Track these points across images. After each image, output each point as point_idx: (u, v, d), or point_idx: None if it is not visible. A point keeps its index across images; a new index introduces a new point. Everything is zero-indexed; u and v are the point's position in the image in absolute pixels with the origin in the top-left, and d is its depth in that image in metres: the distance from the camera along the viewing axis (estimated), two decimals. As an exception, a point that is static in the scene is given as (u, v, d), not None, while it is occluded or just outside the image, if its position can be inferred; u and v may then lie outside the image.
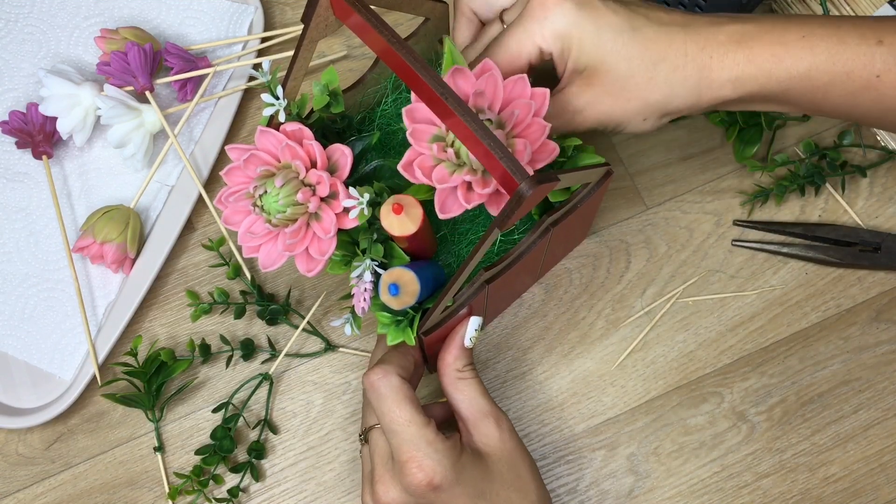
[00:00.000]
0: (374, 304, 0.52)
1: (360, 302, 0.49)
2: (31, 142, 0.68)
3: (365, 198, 0.48)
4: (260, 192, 0.49)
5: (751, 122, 0.69)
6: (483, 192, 0.47)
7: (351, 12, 0.47)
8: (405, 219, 0.48)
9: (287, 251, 0.50)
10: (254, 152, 0.50)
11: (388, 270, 0.49)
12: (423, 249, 0.54)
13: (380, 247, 0.50)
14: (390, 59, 0.47)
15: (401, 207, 0.48)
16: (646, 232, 0.69)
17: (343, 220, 0.49)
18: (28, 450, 0.65)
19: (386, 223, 0.49)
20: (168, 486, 0.64)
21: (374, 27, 0.46)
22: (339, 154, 0.51)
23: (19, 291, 0.67)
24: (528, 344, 0.67)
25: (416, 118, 0.49)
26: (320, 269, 0.50)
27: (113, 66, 0.67)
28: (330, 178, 0.49)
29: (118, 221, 0.65)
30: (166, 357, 0.63)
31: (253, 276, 0.67)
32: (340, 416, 0.65)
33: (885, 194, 0.69)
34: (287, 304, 0.66)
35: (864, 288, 0.67)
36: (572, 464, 0.64)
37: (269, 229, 0.50)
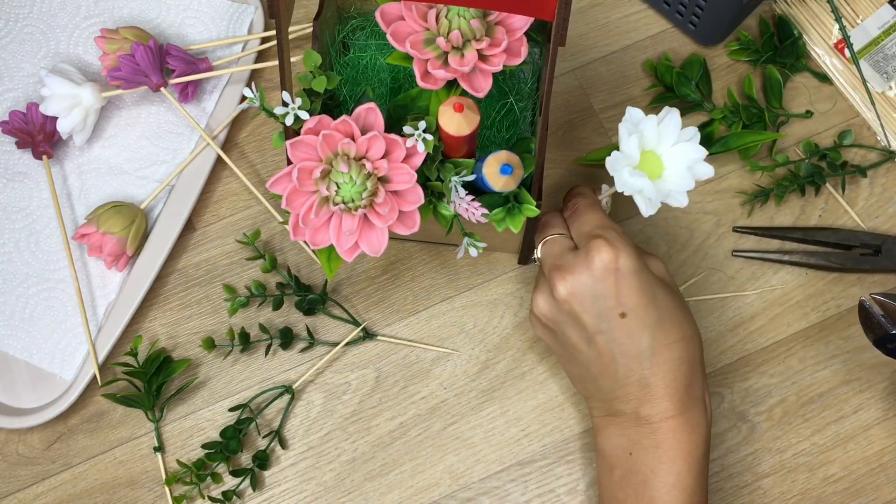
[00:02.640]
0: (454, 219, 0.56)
1: (473, 214, 0.53)
2: (31, 142, 0.68)
3: (420, 125, 0.52)
4: (333, 190, 0.51)
5: (753, 122, 0.69)
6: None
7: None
8: (462, 120, 0.51)
9: (385, 223, 0.52)
10: (325, 133, 0.52)
11: (491, 155, 0.53)
12: (470, 156, 0.56)
13: (450, 165, 0.54)
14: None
15: (461, 106, 0.51)
16: (646, 232, 0.69)
17: (411, 161, 0.52)
18: (28, 450, 0.65)
19: (444, 120, 0.52)
20: (166, 474, 0.64)
21: None
22: (367, 114, 0.52)
23: (19, 291, 0.67)
24: (528, 344, 0.67)
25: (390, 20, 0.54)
26: (418, 220, 0.53)
27: (123, 69, 0.67)
28: (379, 135, 0.52)
29: (124, 217, 0.65)
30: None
31: (289, 268, 0.68)
32: (340, 416, 0.65)
33: (885, 194, 0.69)
34: (324, 293, 0.67)
35: (865, 288, 0.67)
36: (572, 464, 0.64)
37: (352, 214, 0.52)
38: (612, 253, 0.53)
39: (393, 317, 0.67)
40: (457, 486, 0.64)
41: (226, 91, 0.71)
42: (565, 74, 0.72)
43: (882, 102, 0.70)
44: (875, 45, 0.70)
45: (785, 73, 0.71)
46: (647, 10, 0.74)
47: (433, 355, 0.66)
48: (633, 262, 0.54)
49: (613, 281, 0.53)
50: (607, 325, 0.54)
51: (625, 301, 0.54)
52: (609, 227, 0.55)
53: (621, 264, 0.53)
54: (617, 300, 0.54)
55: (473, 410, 0.65)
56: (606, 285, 0.54)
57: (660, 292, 0.55)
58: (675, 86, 0.70)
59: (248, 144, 0.72)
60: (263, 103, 0.53)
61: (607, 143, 0.71)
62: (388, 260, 0.68)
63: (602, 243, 0.54)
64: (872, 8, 0.70)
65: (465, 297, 0.68)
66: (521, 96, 0.63)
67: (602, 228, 0.55)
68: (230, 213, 0.70)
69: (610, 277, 0.53)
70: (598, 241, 0.54)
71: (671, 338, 0.54)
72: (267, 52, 0.73)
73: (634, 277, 0.54)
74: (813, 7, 0.72)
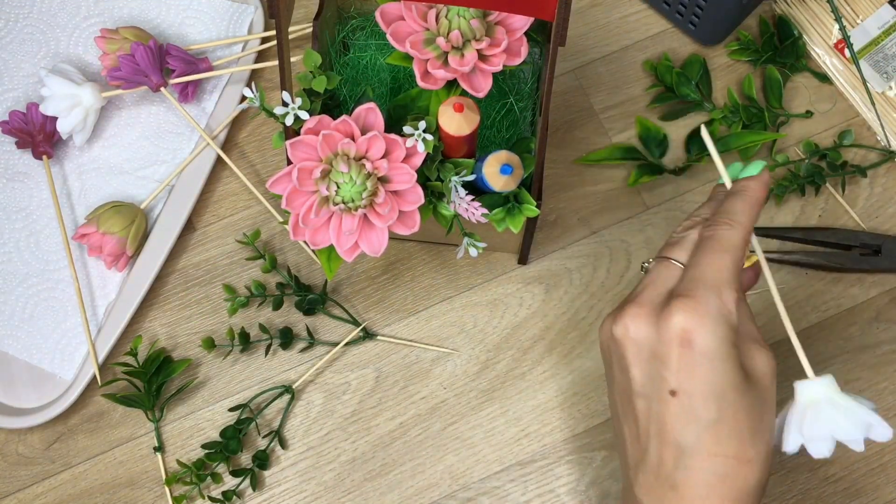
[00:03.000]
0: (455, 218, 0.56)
1: (473, 214, 0.53)
2: (31, 142, 0.68)
3: (420, 125, 0.52)
4: (333, 190, 0.51)
5: (753, 122, 0.69)
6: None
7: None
8: (462, 120, 0.51)
9: (385, 223, 0.52)
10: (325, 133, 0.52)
11: (491, 155, 0.53)
12: (470, 156, 0.56)
13: (450, 165, 0.54)
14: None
15: (461, 106, 0.51)
16: (646, 232, 0.69)
17: (411, 161, 0.52)
18: (28, 450, 0.65)
19: (444, 120, 0.52)
20: (166, 473, 0.64)
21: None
22: (367, 114, 0.52)
23: (19, 291, 0.67)
24: (528, 344, 0.67)
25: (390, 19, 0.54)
26: (418, 220, 0.53)
27: (124, 70, 0.67)
28: (379, 135, 0.52)
29: (124, 217, 0.65)
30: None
31: (289, 268, 0.68)
32: (340, 416, 0.65)
33: (885, 194, 0.69)
34: (324, 293, 0.67)
35: (864, 288, 0.67)
36: (572, 464, 0.64)
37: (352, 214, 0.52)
38: (693, 323, 0.44)
39: (393, 317, 0.67)
40: (457, 486, 0.64)
41: (226, 91, 0.71)
42: (565, 74, 0.72)
43: (882, 102, 0.70)
44: (875, 45, 0.70)
45: (785, 73, 0.71)
46: (647, 10, 0.74)
47: (433, 355, 0.66)
48: (714, 344, 0.44)
49: (678, 352, 0.44)
50: (654, 393, 0.45)
51: (682, 380, 0.44)
52: (722, 289, 0.45)
53: (697, 340, 0.44)
54: (674, 373, 0.44)
55: (473, 410, 0.65)
56: (669, 351, 0.45)
57: (734, 393, 0.44)
58: (675, 86, 0.70)
59: (248, 144, 0.72)
60: (263, 103, 0.53)
61: (607, 143, 0.71)
62: (388, 260, 0.68)
63: (688, 307, 0.44)
64: (872, 8, 0.70)
65: (465, 297, 0.68)
66: (521, 96, 0.63)
67: (712, 287, 0.45)
68: (230, 213, 0.70)
69: (675, 347, 0.44)
70: (688, 302, 0.44)
71: (722, 449, 0.44)
72: (267, 52, 0.73)
73: (705, 361, 0.44)
74: (813, 7, 0.72)
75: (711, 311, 0.45)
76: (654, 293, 0.47)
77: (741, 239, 0.47)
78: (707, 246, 0.47)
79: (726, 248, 0.46)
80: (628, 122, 0.71)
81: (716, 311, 0.45)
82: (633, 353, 0.46)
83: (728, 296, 0.45)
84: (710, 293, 0.45)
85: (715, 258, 0.46)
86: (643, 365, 0.46)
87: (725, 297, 0.45)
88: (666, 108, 0.71)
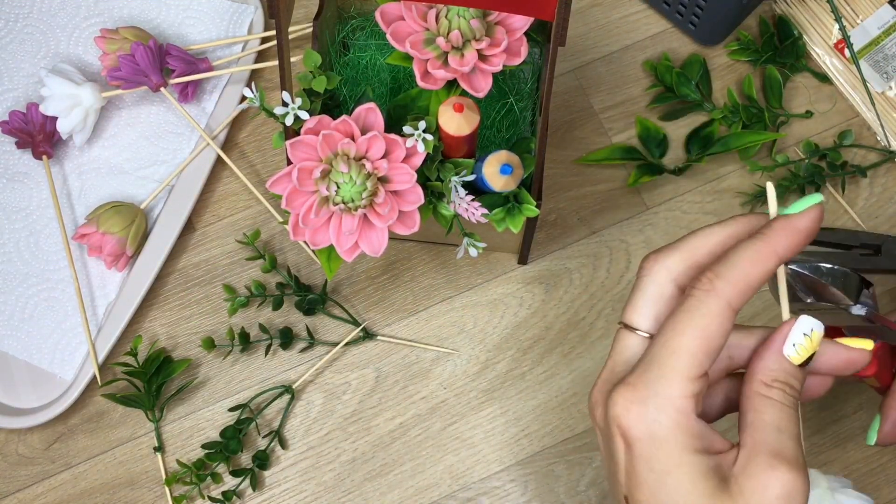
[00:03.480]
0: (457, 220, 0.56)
1: (473, 214, 0.52)
2: (31, 142, 0.68)
3: (420, 125, 0.51)
4: (333, 190, 0.51)
5: (753, 122, 0.69)
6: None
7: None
8: (462, 120, 0.51)
9: (385, 223, 0.52)
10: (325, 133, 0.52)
11: (491, 155, 0.53)
12: (470, 156, 0.56)
13: (450, 165, 0.54)
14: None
15: (461, 106, 0.51)
16: (646, 232, 0.69)
17: (411, 161, 0.52)
18: (28, 450, 0.65)
19: (444, 120, 0.52)
20: (165, 473, 0.64)
21: None
22: (367, 114, 0.52)
23: (19, 291, 0.67)
24: (528, 344, 0.67)
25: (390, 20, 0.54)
26: (418, 220, 0.53)
27: (123, 70, 0.67)
28: (379, 135, 0.51)
29: (124, 216, 0.65)
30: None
31: (289, 268, 0.68)
32: (340, 416, 0.65)
33: (885, 194, 0.69)
34: (324, 293, 0.67)
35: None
36: (572, 464, 0.64)
37: (352, 214, 0.52)
38: (629, 419, 0.36)
39: (393, 317, 0.67)
40: (457, 486, 0.64)
41: (226, 91, 0.71)
42: (565, 74, 0.72)
43: (882, 102, 0.70)
44: (875, 45, 0.70)
45: (785, 73, 0.71)
46: (647, 10, 0.74)
47: (433, 355, 0.66)
48: (652, 449, 0.36)
49: (623, 454, 0.37)
50: (613, 492, 0.39)
51: (631, 488, 0.37)
52: (671, 377, 0.36)
53: (635, 443, 0.36)
54: (623, 476, 0.37)
55: (473, 410, 0.65)
56: (615, 449, 0.37)
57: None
58: (675, 86, 0.70)
59: (248, 144, 0.72)
60: (263, 103, 0.53)
61: (607, 143, 0.71)
62: (388, 260, 0.68)
63: (624, 399, 0.36)
64: (872, 8, 0.70)
65: (465, 297, 0.68)
66: (521, 96, 0.63)
67: (660, 374, 0.36)
68: (230, 213, 0.70)
69: (620, 445, 0.37)
70: (624, 392, 0.36)
71: None
72: (267, 52, 0.73)
73: (649, 470, 0.36)
74: (813, 7, 0.72)
75: (650, 408, 0.35)
76: (611, 372, 0.39)
77: (719, 308, 0.36)
78: (672, 317, 0.37)
79: (693, 322, 0.36)
80: (628, 122, 0.71)
81: (655, 409, 0.35)
82: (599, 438, 0.40)
83: (678, 388, 0.36)
84: (655, 383, 0.36)
85: (675, 335, 0.36)
86: (604, 454, 0.39)
87: (673, 391, 0.35)
88: (666, 108, 0.71)
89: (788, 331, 0.38)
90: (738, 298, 0.36)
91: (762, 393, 0.37)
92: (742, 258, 0.37)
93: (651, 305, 0.39)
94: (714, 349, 0.36)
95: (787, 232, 0.37)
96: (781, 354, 0.38)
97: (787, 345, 0.38)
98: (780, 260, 0.37)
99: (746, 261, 0.37)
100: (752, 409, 0.37)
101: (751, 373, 0.38)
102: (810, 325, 0.38)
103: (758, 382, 0.38)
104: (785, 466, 0.35)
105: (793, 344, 0.38)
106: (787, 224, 0.38)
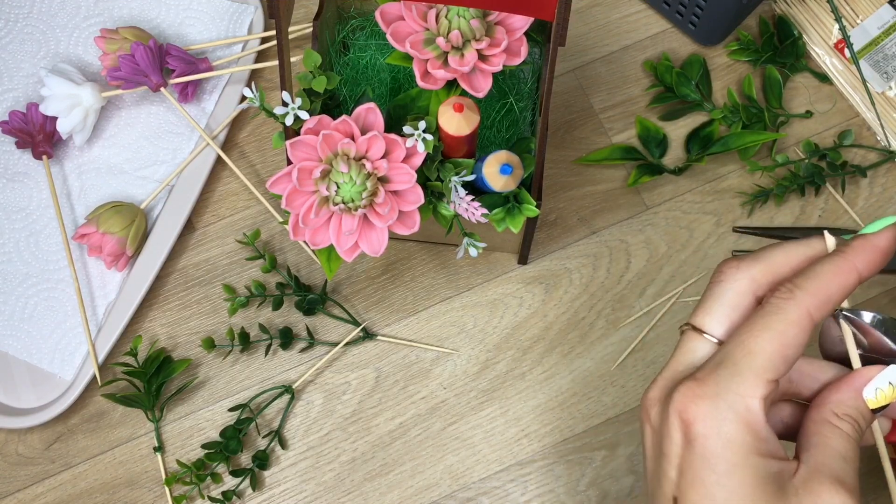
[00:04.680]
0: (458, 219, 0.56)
1: (473, 214, 0.52)
2: (31, 142, 0.68)
3: (420, 125, 0.51)
4: (333, 190, 0.51)
5: (753, 122, 0.69)
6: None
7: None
8: (462, 120, 0.51)
9: (385, 223, 0.52)
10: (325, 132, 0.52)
11: (491, 155, 0.52)
12: (470, 156, 0.56)
13: (450, 165, 0.54)
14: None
15: (461, 106, 0.51)
16: (646, 232, 0.69)
17: (411, 161, 0.52)
18: (28, 450, 0.65)
19: (444, 120, 0.52)
20: (165, 473, 0.64)
21: None
22: (367, 114, 0.53)
23: (19, 291, 0.67)
24: (528, 344, 0.67)
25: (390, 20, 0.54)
26: (418, 220, 0.53)
27: (123, 69, 0.67)
28: (379, 135, 0.51)
29: (124, 216, 0.65)
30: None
31: (289, 268, 0.68)
32: (340, 415, 0.65)
33: (884, 194, 0.69)
34: (324, 293, 0.67)
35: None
36: (572, 464, 0.64)
37: (352, 214, 0.52)
38: (693, 413, 0.35)
39: (393, 317, 0.67)
40: (457, 486, 0.64)
41: (226, 91, 0.71)
42: (565, 74, 0.72)
43: (882, 102, 0.70)
44: (875, 45, 0.70)
45: (785, 73, 0.71)
46: (647, 10, 0.74)
47: (433, 355, 0.66)
48: (718, 446, 0.35)
49: (679, 449, 0.36)
50: (659, 493, 0.38)
51: (684, 487, 0.36)
52: (745, 377, 0.36)
53: (698, 438, 0.35)
54: (675, 475, 0.36)
55: (473, 410, 0.65)
56: (670, 445, 0.37)
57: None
58: (675, 86, 0.70)
59: (248, 144, 0.72)
60: (263, 103, 0.53)
61: (607, 143, 0.71)
62: (388, 260, 0.68)
63: (691, 393, 0.36)
64: (872, 8, 0.70)
65: (465, 297, 0.68)
66: (521, 96, 0.63)
67: (733, 373, 0.36)
68: (230, 213, 0.70)
69: (677, 441, 0.36)
70: (693, 387, 0.36)
71: None
72: (267, 52, 0.73)
73: (708, 469, 0.35)
74: (813, 7, 0.72)
75: (720, 404, 0.35)
76: (674, 371, 0.39)
77: (798, 316, 0.36)
78: (749, 320, 0.37)
79: (771, 326, 0.36)
80: (628, 122, 0.71)
81: (726, 405, 0.35)
82: (647, 437, 0.39)
83: (751, 388, 0.35)
84: (728, 380, 0.35)
85: (751, 336, 0.36)
86: (651, 454, 0.39)
87: (746, 389, 0.35)
88: (666, 108, 0.71)
89: (875, 374, 0.38)
90: (818, 310, 0.36)
91: (832, 422, 0.38)
92: (823, 271, 0.37)
93: (727, 311, 0.38)
94: (791, 357, 0.36)
95: (867, 249, 0.38)
96: (860, 393, 0.38)
97: (870, 388, 0.38)
98: (860, 276, 0.37)
99: (827, 274, 0.37)
100: (818, 433, 0.38)
101: (823, 401, 0.38)
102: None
103: (829, 412, 0.38)
104: (846, 493, 0.36)
105: (875, 388, 0.38)
106: (866, 242, 0.38)
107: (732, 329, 0.38)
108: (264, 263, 0.66)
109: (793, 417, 0.41)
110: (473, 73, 0.54)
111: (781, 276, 0.39)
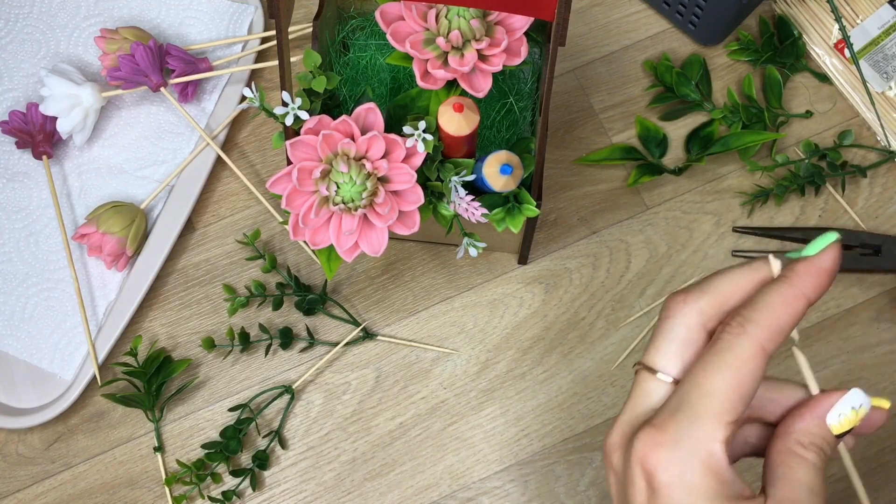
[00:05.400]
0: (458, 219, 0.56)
1: (473, 214, 0.52)
2: (31, 142, 0.68)
3: (420, 125, 0.52)
4: (333, 190, 0.51)
5: (753, 122, 0.69)
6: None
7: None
8: (462, 120, 0.51)
9: (385, 223, 0.52)
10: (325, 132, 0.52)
11: (491, 155, 0.52)
12: (470, 156, 0.56)
13: (450, 165, 0.54)
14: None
15: (461, 106, 0.51)
16: (646, 232, 0.69)
17: (411, 161, 0.52)
18: (28, 450, 0.65)
19: (444, 120, 0.52)
20: (165, 473, 0.64)
21: None
22: (367, 114, 0.53)
23: (19, 291, 0.67)
24: (528, 344, 0.67)
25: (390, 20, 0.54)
26: (418, 220, 0.53)
27: (123, 69, 0.67)
28: (379, 135, 0.51)
29: (124, 217, 0.65)
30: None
31: (289, 268, 0.68)
32: (340, 415, 0.65)
33: (884, 194, 0.69)
34: (324, 293, 0.67)
35: (865, 288, 0.67)
36: (572, 464, 0.64)
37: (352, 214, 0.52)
38: (654, 461, 0.35)
39: (393, 317, 0.67)
40: (457, 486, 0.64)
41: (226, 91, 0.71)
42: (565, 74, 0.72)
43: (882, 102, 0.70)
44: (875, 45, 0.70)
45: (785, 73, 0.71)
46: (647, 10, 0.74)
47: (433, 355, 0.66)
48: (682, 495, 0.35)
49: (644, 497, 0.36)
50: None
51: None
52: (703, 420, 0.35)
53: (662, 488, 0.35)
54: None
55: (473, 410, 0.65)
56: (634, 494, 0.36)
57: None
58: (675, 86, 0.70)
59: (248, 144, 0.72)
60: (263, 103, 0.53)
61: (607, 143, 0.71)
62: (388, 260, 0.68)
63: (651, 440, 0.35)
64: (872, 8, 0.70)
65: (465, 297, 0.68)
66: (521, 96, 0.63)
67: (690, 417, 0.35)
68: (230, 213, 0.70)
69: (641, 489, 0.36)
70: (652, 434, 0.35)
71: None
72: (267, 52, 0.73)
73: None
74: (813, 7, 0.72)
75: (681, 452, 0.34)
76: (632, 415, 0.37)
77: (752, 352, 0.35)
78: (703, 359, 0.36)
79: (725, 364, 0.35)
80: (628, 122, 0.71)
81: (687, 452, 0.34)
82: (612, 483, 0.38)
83: (711, 432, 0.35)
84: (688, 426, 0.35)
85: (706, 377, 0.35)
86: (617, 500, 0.38)
87: (706, 434, 0.34)
88: (666, 108, 0.71)
89: (836, 400, 0.37)
90: (770, 342, 0.36)
91: (797, 452, 0.37)
92: (772, 301, 0.36)
93: (678, 349, 0.37)
94: (748, 394, 0.35)
95: (812, 273, 0.37)
96: (823, 421, 0.37)
97: (833, 414, 0.37)
98: (809, 301, 0.37)
99: (776, 304, 0.36)
100: (783, 464, 0.37)
101: (786, 430, 0.38)
102: (860, 400, 0.37)
103: (794, 441, 0.37)
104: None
105: (838, 414, 0.37)
106: (810, 266, 0.37)
107: (686, 367, 0.37)
108: (264, 263, 0.66)
109: (758, 438, 0.41)
110: (473, 73, 0.54)
111: (730, 306, 0.38)
